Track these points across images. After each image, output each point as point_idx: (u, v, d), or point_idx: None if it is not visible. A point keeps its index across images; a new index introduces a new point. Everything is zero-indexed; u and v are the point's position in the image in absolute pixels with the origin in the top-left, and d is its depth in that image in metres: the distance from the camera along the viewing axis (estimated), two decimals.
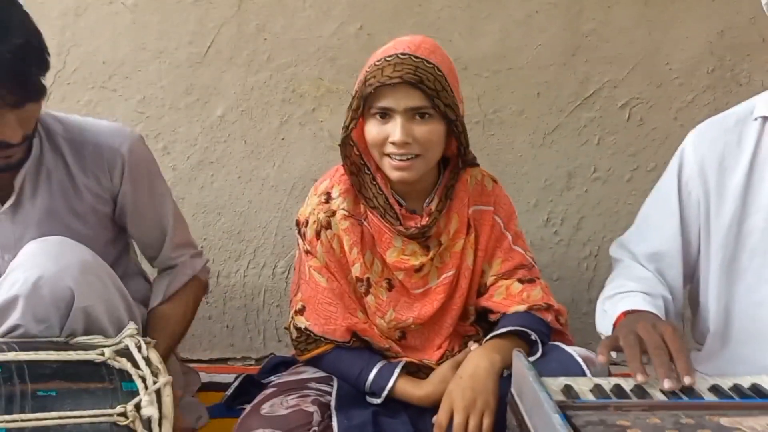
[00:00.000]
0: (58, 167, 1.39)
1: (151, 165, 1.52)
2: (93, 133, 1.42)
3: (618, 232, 2.06)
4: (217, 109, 2.06)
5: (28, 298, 1.16)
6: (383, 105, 1.33)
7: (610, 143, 2.08)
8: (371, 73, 1.34)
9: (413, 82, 1.30)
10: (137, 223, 1.52)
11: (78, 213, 1.42)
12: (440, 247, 1.46)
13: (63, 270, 1.18)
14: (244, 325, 2.18)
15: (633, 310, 1.31)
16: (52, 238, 1.25)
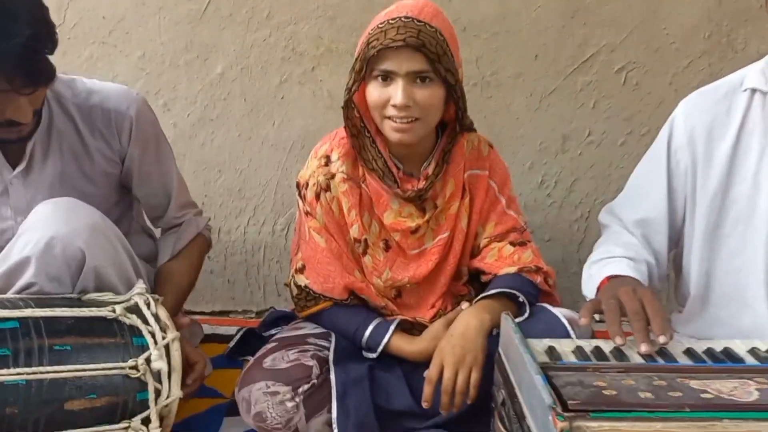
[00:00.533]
0: (68, 131, 1.43)
1: (156, 127, 1.57)
2: (101, 97, 1.46)
3: (610, 195, 2.13)
4: (216, 67, 2.08)
5: (40, 257, 1.23)
6: (385, 68, 1.36)
7: (605, 107, 2.11)
8: (374, 35, 1.37)
9: (416, 45, 1.33)
10: (144, 184, 1.57)
11: (88, 175, 1.48)
12: (436, 209, 1.52)
13: (74, 231, 1.24)
14: (245, 280, 2.25)
15: (616, 275, 1.38)
16: (62, 200, 1.31)
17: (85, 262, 1.26)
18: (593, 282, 1.43)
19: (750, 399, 0.96)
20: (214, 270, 2.22)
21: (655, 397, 0.96)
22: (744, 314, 1.41)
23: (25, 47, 1.18)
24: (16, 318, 1.14)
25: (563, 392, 0.97)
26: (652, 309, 1.20)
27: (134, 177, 1.55)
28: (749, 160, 1.40)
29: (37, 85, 1.25)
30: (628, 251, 1.47)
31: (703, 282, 1.46)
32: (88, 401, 1.16)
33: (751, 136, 1.40)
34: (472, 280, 1.64)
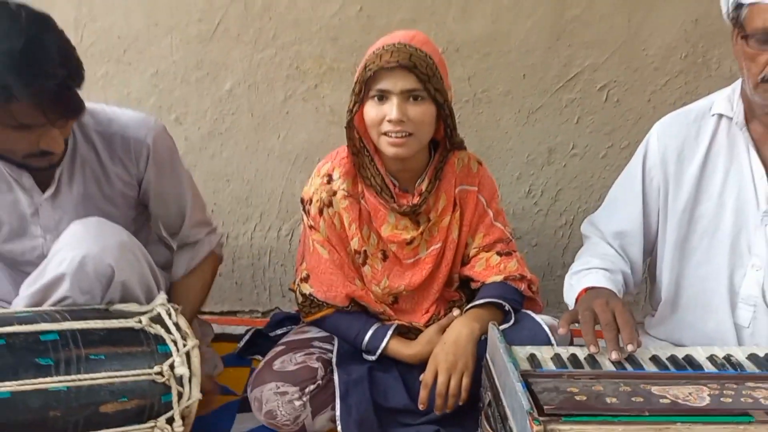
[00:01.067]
0: (90, 157, 1.54)
1: (172, 152, 1.67)
2: (121, 125, 1.56)
3: (592, 203, 2.25)
4: (225, 84, 2.18)
5: (74, 274, 1.34)
6: (381, 87, 1.47)
7: (588, 122, 2.21)
8: (371, 60, 1.49)
9: (408, 66, 1.45)
10: (159, 204, 1.68)
11: (108, 197, 1.58)
12: (429, 222, 1.63)
13: (104, 249, 1.36)
14: (252, 282, 2.36)
15: (593, 287, 1.50)
16: (92, 220, 1.42)
17: (114, 276, 1.37)
18: (573, 292, 1.55)
19: (702, 404, 1.09)
20: (222, 273, 2.30)
21: (619, 402, 1.09)
22: (709, 319, 1.53)
23: (60, 86, 1.29)
24: (56, 330, 1.25)
25: (540, 398, 1.09)
26: (622, 320, 1.33)
27: (151, 198, 1.65)
28: (715, 180, 1.51)
29: (70, 118, 1.36)
30: (605, 262, 1.59)
31: (672, 289, 1.58)
32: (120, 404, 1.28)
33: (717, 158, 1.51)
34: (463, 286, 1.76)
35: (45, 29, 1.31)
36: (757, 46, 1.34)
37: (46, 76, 1.27)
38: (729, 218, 1.50)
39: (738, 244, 1.49)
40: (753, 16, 1.34)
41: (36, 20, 1.30)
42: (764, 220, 1.46)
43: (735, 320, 1.50)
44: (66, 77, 1.30)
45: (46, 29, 1.31)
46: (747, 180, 1.48)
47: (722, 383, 1.16)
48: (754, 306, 1.48)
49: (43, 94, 1.27)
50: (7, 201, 1.49)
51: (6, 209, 1.50)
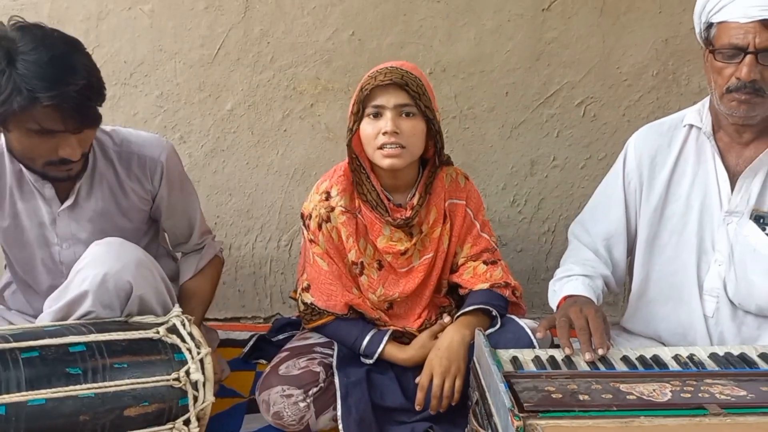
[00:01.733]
0: (109, 174, 1.66)
1: (181, 169, 1.80)
2: (137, 145, 1.69)
3: (573, 211, 2.36)
4: (226, 104, 2.28)
5: (97, 290, 1.45)
6: (376, 103, 1.60)
7: (567, 136, 2.32)
8: (366, 81, 1.61)
9: (400, 84, 1.58)
10: (170, 217, 1.80)
11: (124, 211, 1.70)
12: (421, 234, 1.74)
13: (123, 267, 1.47)
14: (254, 289, 2.46)
15: (571, 295, 1.61)
16: (112, 240, 1.53)
17: (132, 291, 1.49)
18: (556, 298, 1.68)
19: (664, 399, 1.21)
20: (226, 281, 2.42)
21: (590, 399, 1.21)
22: (681, 310, 1.65)
23: (80, 95, 1.40)
24: (83, 342, 1.36)
25: (521, 396, 1.21)
26: (594, 325, 1.45)
27: (163, 212, 1.78)
28: (683, 184, 1.64)
29: (86, 126, 1.46)
30: (586, 269, 1.70)
31: (644, 283, 1.70)
32: (142, 408, 1.39)
33: (686, 164, 1.64)
34: (451, 292, 1.87)
35: (73, 49, 1.44)
36: (723, 60, 1.48)
37: (68, 84, 1.39)
38: (695, 218, 1.62)
39: (703, 242, 1.62)
40: (720, 34, 1.49)
41: (66, 41, 1.45)
42: (726, 219, 1.59)
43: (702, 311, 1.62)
44: (86, 89, 1.41)
45: (75, 49, 1.45)
46: (712, 184, 1.60)
47: (684, 380, 1.28)
48: (717, 297, 1.61)
49: (64, 100, 1.38)
50: (29, 208, 1.62)
51: (28, 215, 1.62)
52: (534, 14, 2.20)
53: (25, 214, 1.62)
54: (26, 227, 1.63)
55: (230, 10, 2.19)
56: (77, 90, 1.40)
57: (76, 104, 1.41)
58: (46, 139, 1.44)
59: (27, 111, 1.38)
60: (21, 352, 1.31)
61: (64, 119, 1.41)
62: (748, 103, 1.47)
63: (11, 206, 1.62)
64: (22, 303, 1.78)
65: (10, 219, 1.62)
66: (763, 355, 1.41)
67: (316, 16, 2.20)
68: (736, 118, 1.52)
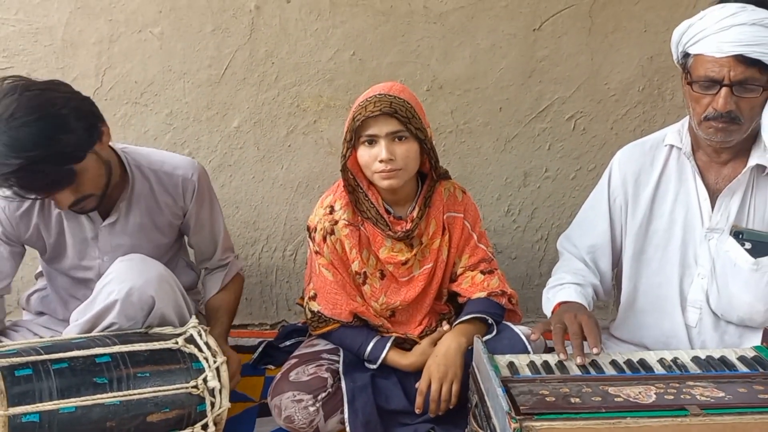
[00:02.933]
0: (145, 192, 1.76)
1: (210, 188, 1.90)
2: (172, 166, 1.79)
3: (564, 220, 2.43)
4: (233, 121, 2.34)
5: (122, 303, 1.54)
6: (369, 133, 1.67)
7: (558, 149, 2.39)
8: (357, 111, 1.68)
9: (389, 112, 1.64)
10: (198, 233, 1.89)
11: (158, 226, 1.80)
12: (421, 245, 1.81)
13: (147, 282, 1.56)
14: (260, 298, 2.51)
15: (565, 302, 1.69)
16: (135, 257, 1.62)
17: (155, 305, 1.57)
18: (550, 305, 1.74)
19: (648, 401, 1.29)
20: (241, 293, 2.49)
21: (581, 402, 1.29)
22: (665, 320, 1.72)
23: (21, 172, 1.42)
24: (108, 353, 1.45)
25: (517, 400, 1.29)
26: (588, 329, 1.52)
27: (191, 227, 1.87)
28: (667, 201, 1.71)
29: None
30: (577, 277, 1.77)
31: (632, 295, 1.77)
32: (163, 414, 1.47)
33: (669, 182, 1.71)
34: (450, 299, 1.94)
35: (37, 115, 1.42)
36: (701, 90, 1.54)
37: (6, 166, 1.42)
38: (678, 234, 1.69)
39: (686, 256, 1.69)
40: (697, 66, 1.54)
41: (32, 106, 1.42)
42: (708, 236, 1.66)
43: (685, 321, 1.69)
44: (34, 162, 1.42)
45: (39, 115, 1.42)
46: (693, 202, 1.67)
47: (667, 383, 1.36)
48: (700, 309, 1.69)
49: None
50: (74, 225, 1.71)
51: (72, 233, 1.72)
52: (526, 34, 2.26)
53: (69, 231, 1.72)
54: (70, 244, 1.73)
55: (236, 32, 2.25)
56: (18, 170, 1.41)
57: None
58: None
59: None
60: (52, 364, 1.39)
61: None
62: (725, 131, 1.54)
63: (57, 224, 1.71)
64: (53, 307, 1.85)
65: (56, 236, 1.72)
66: (741, 358, 1.49)
67: (319, 38, 2.25)
68: (714, 142, 1.59)
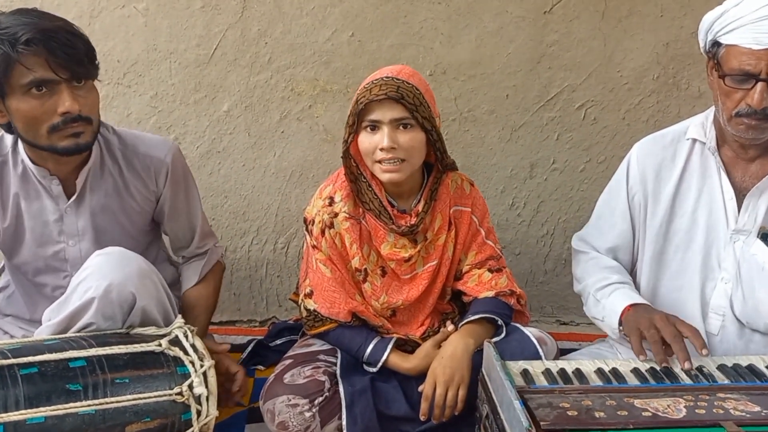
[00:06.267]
0: (114, 171, 1.63)
1: (186, 171, 1.77)
2: (143, 145, 1.66)
3: (572, 215, 2.36)
4: (223, 105, 2.24)
5: (100, 301, 1.41)
6: (372, 118, 1.56)
7: (567, 139, 2.31)
8: (362, 94, 1.57)
9: (396, 97, 1.53)
10: (173, 219, 1.77)
11: (126, 211, 1.67)
12: (426, 241, 1.71)
13: (126, 278, 1.43)
14: (249, 293, 2.43)
15: (637, 304, 1.56)
16: (114, 250, 1.49)
17: (135, 303, 1.44)
18: (610, 310, 1.60)
19: (679, 416, 1.19)
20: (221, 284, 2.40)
21: (606, 417, 1.19)
22: None
23: (64, 35, 1.43)
24: (84, 357, 1.31)
25: (536, 414, 1.19)
26: (689, 330, 1.44)
27: (165, 213, 1.75)
28: (689, 199, 1.62)
29: (77, 73, 1.45)
30: (619, 276, 1.66)
31: (650, 298, 1.67)
32: (143, 424, 1.34)
33: (691, 179, 1.62)
34: (454, 299, 1.84)
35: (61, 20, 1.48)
36: (733, 84, 1.44)
37: (49, 25, 1.41)
38: (701, 235, 1.60)
39: (709, 259, 1.60)
40: (730, 57, 1.44)
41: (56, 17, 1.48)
42: (733, 237, 1.57)
43: (706, 328, 1.60)
44: (72, 34, 1.44)
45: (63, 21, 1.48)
46: (718, 200, 1.58)
47: (696, 395, 1.27)
48: (723, 316, 1.60)
49: (46, 39, 1.40)
50: (33, 209, 1.59)
51: (32, 216, 1.60)
52: (535, 17, 2.18)
53: (28, 215, 1.60)
54: (29, 228, 1.61)
55: (227, 9, 2.15)
56: (60, 30, 1.42)
57: (61, 44, 1.41)
58: (42, 97, 1.43)
59: (13, 62, 1.39)
60: (20, 369, 1.26)
61: (50, 62, 1.41)
62: (757, 128, 1.45)
63: (14, 208, 1.60)
64: (19, 307, 1.74)
65: (12, 219, 1.60)
66: None
67: (315, 17, 2.16)
68: (743, 139, 1.50)
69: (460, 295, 1.81)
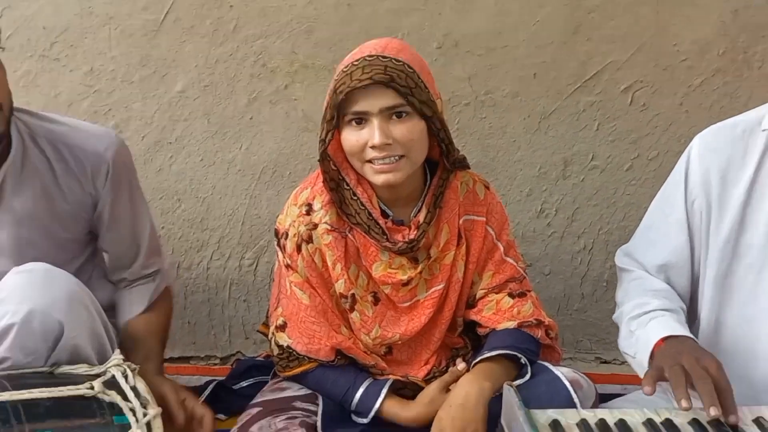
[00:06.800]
0: (43, 169, 1.63)
1: (132, 173, 1.78)
2: (79, 137, 1.66)
3: (615, 224, 2.38)
4: (176, 84, 2.25)
5: (18, 331, 1.41)
6: (357, 110, 1.56)
7: (609, 129, 2.32)
8: (340, 80, 1.56)
9: (384, 81, 1.52)
10: (113, 229, 1.77)
11: (58, 216, 1.67)
12: (429, 259, 1.71)
13: (52, 303, 1.43)
14: (208, 321, 2.44)
15: (673, 336, 1.54)
16: (37, 268, 1.49)
17: (63, 334, 1.45)
18: (643, 344, 1.59)
19: None
20: None
21: None
22: (756, 367, 1.61)
23: None
24: None
25: None
26: (722, 386, 1.39)
27: (105, 222, 1.75)
28: (763, 207, 1.60)
29: None
30: (664, 301, 1.65)
31: (713, 330, 1.67)
32: None
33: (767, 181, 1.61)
34: (467, 330, 1.85)
35: None
36: None
37: None
38: None
39: None
40: None
41: None
42: None
43: None
44: None
45: None
46: None
47: None
48: None
49: None
50: None
51: None
52: None
53: None
54: None
55: None
56: None
57: None
58: None
59: None
60: None
61: None
62: None
63: None
64: None
65: None
66: None
67: None
68: None
69: (473, 326, 1.81)
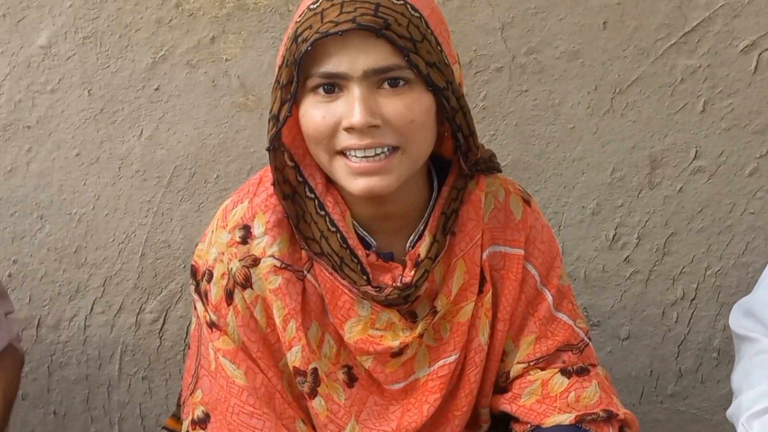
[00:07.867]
0: None
1: None
2: None
3: (731, 260, 2.41)
4: (39, 34, 2.28)
5: None
6: (329, 70, 1.53)
7: (722, 111, 2.36)
8: (304, 22, 1.54)
9: (374, 27, 1.51)
10: None
11: None
12: (435, 315, 1.73)
13: None
14: (85, 410, 2.46)
15: None
16: None
17: None
18: None
19: None
20: (28, 394, 2.42)
21: None
22: None
23: None
24: None
25: None
26: None
27: None
28: None
29: None
30: None
31: None
32: None
33: None
34: (497, 427, 1.87)
35: None
36: None
37: None
38: None
39: None
40: None
41: None
42: None
43: None
44: None
45: None
46: None
47: None
48: None
49: None
50: None
51: None
52: None
53: None
54: None
55: None
56: None
57: None
58: None
59: None
60: None
61: None
62: None
63: None
64: None
65: None
66: None
67: None
68: None
69: (506, 421, 1.84)
